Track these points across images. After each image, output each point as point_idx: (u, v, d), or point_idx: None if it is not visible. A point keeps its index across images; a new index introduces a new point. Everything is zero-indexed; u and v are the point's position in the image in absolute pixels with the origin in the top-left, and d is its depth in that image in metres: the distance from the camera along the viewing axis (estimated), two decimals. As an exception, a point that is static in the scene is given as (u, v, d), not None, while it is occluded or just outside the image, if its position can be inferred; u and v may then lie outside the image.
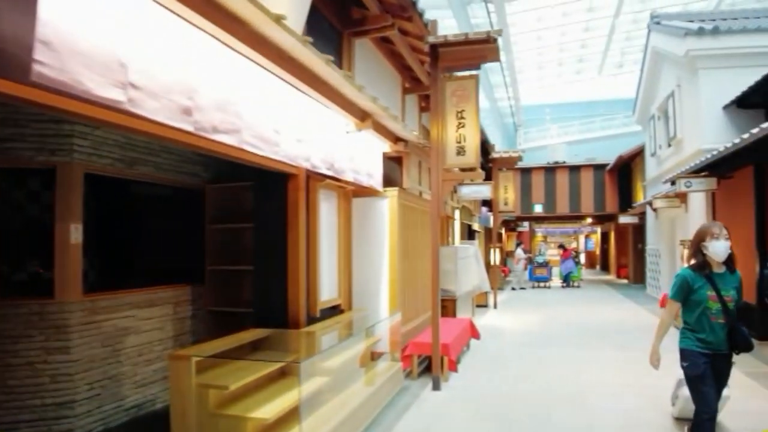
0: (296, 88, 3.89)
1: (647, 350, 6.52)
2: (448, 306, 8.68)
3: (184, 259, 6.32)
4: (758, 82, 9.18)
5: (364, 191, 6.06)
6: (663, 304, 12.20)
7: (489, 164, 13.23)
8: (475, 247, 10.91)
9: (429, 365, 6.37)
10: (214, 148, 3.53)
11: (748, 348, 3.65)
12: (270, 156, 3.68)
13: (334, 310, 5.82)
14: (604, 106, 38.96)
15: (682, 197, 12.31)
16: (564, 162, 21.69)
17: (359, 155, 5.23)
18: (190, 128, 2.94)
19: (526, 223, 33.31)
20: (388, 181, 6.40)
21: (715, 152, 8.18)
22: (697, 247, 3.71)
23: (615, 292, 17.74)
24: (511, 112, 32.59)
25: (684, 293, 3.71)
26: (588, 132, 38.21)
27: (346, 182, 5.53)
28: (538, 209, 21.14)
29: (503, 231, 29.81)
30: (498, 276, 18.72)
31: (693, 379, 3.77)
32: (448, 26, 20.35)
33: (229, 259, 6.10)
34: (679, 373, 4.30)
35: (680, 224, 13.00)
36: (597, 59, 36.23)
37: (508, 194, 13.42)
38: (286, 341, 5.02)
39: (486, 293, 13.19)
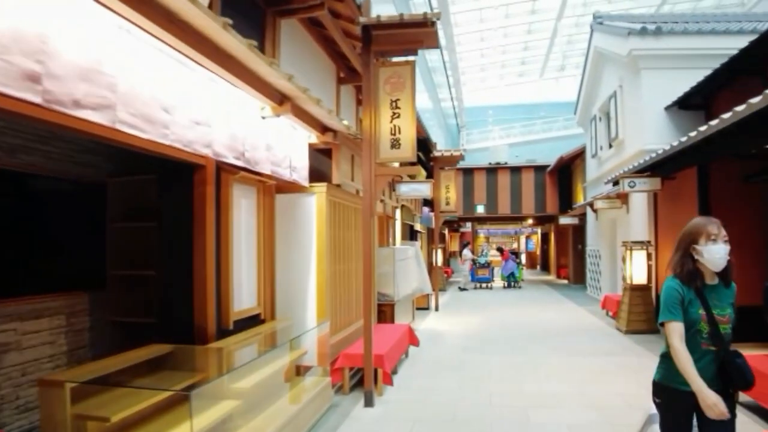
0: (193, 60, 3.24)
1: (590, 355, 6.26)
2: (386, 311, 8.14)
3: (82, 263, 5.51)
4: (699, 83, 9.11)
5: (289, 187, 5.43)
6: (604, 305, 12.11)
7: (430, 163, 12.81)
8: (415, 248, 10.42)
9: (362, 378, 5.78)
10: (78, 127, 2.84)
11: (746, 385, 2.70)
12: (156, 140, 3.01)
13: (253, 321, 5.16)
14: (546, 109, 39.62)
15: (624, 198, 12.23)
16: (506, 163, 21.62)
17: (279, 145, 4.60)
18: (37, 100, 2.27)
19: (468, 224, 33.41)
20: (317, 175, 5.79)
21: (658, 152, 7.97)
22: (686, 250, 2.78)
23: (556, 292, 17.69)
24: (454, 113, 32.50)
25: (682, 308, 2.69)
26: (529, 134, 38.74)
27: (267, 176, 4.90)
28: (480, 210, 20.95)
29: (446, 231, 29.68)
30: (440, 277, 18.40)
31: (668, 430, 2.84)
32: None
33: (135, 263, 5.31)
34: (650, 406, 3.17)
35: (621, 225, 12.94)
36: (539, 62, 36.74)
37: (449, 194, 13.02)
38: (190, 359, 4.34)
39: (427, 295, 12.74)
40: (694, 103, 10.18)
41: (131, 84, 2.79)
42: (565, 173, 20.67)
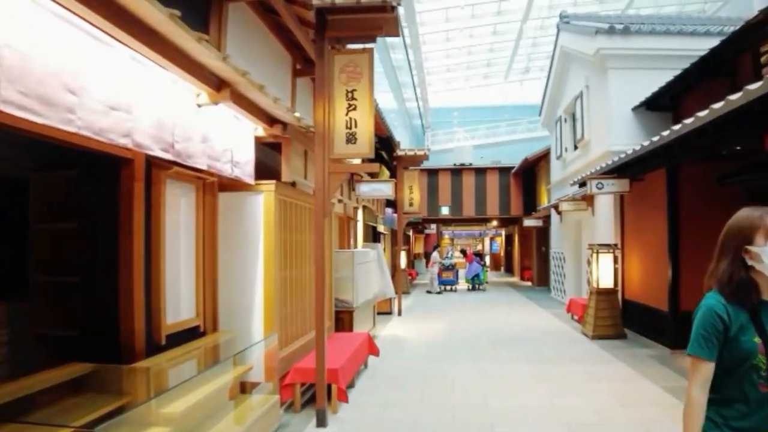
0: (109, 34, 2.73)
1: (557, 362, 5.92)
2: (344, 318, 7.67)
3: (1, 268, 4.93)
4: (667, 84, 8.94)
5: (234, 185, 4.93)
6: (569, 309, 11.90)
7: (394, 163, 12.40)
8: (376, 251, 9.98)
9: (315, 394, 5.31)
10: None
11: None
12: (58, 126, 2.50)
13: (191, 334, 4.64)
14: (510, 111, 39.71)
15: (589, 200, 12.04)
16: (470, 164, 21.38)
17: (218, 137, 4.10)
18: None
19: (433, 226, 33.17)
20: (267, 172, 5.29)
21: (627, 152, 7.72)
22: (735, 254, 1.91)
23: (520, 295, 17.49)
24: (419, 114, 32.21)
25: (719, 342, 1.86)
26: (494, 136, 38.75)
27: (208, 172, 4.40)
28: (445, 211, 20.64)
29: (411, 233, 29.36)
30: (404, 280, 18.02)
31: None
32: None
33: (60, 269, 4.73)
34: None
35: (586, 227, 12.77)
36: (504, 64, 36.79)
37: (413, 195, 12.63)
38: (115, 380, 3.81)
39: (390, 299, 12.32)
40: (662, 104, 10.03)
41: (22, 56, 2.28)
42: (530, 175, 20.57)
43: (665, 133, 6.19)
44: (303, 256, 5.86)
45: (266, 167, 5.40)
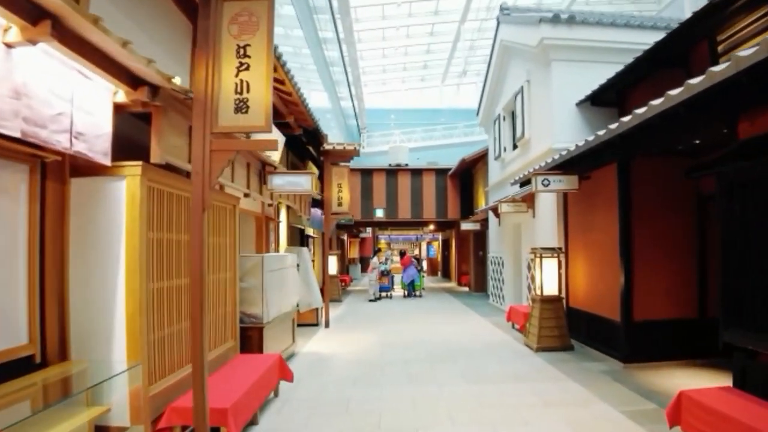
0: None
1: (502, 381, 5.04)
2: (252, 336, 6.43)
3: None
4: (614, 76, 8.32)
5: (93, 168, 3.70)
6: (510, 317, 11.09)
7: (321, 157, 11.24)
8: (296, 256, 8.78)
9: (203, 438, 4.10)
10: None
11: None
12: None
13: (19, 367, 3.36)
14: (447, 115, 39.56)
15: (529, 201, 11.31)
16: (406, 165, 20.45)
17: (45, 95, 2.88)
18: None
19: (369, 229, 32.19)
20: (136, 152, 4.06)
21: (578, 144, 6.93)
22: None
23: (458, 302, 16.68)
24: (354, 114, 31.21)
25: None
26: (431, 139, 38.42)
27: (51, 150, 3.17)
28: (380, 214, 19.61)
29: (346, 237, 28.24)
30: (336, 287, 16.88)
31: None
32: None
33: None
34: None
35: (526, 230, 12.03)
36: (441, 67, 36.43)
37: (342, 193, 11.51)
38: None
39: (316, 309, 11.16)
40: (608, 99, 9.42)
41: None
42: (467, 177, 19.90)
43: (625, 119, 5.37)
44: (186, 262, 4.62)
45: (136, 145, 4.18)
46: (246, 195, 6.15)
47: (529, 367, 7.27)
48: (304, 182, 6.69)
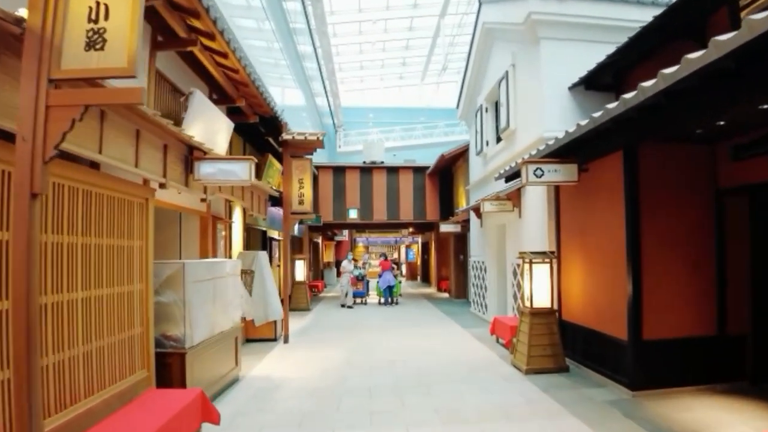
0: None
1: (487, 420, 3.93)
2: (172, 365, 5.03)
3: None
4: (612, 54, 7.21)
5: None
6: (494, 331, 9.87)
7: (280, 148, 9.89)
8: (239, 262, 7.38)
9: None
10: None
11: None
12: None
13: None
14: (426, 114, 38.52)
15: (515, 200, 10.12)
16: (382, 162, 19.12)
17: None
18: None
19: (345, 232, 30.85)
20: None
21: (580, 124, 5.71)
22: None
23: (437, 310, 15.42)
24: (330, 112, 29.90)
25: None
26: (410, 139, 37.33)
27: None
28: (353, 215, 18.24)
29: (320, 240, 26.87)
30: (304, 295, 15.55)
31: None
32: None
33: None
34: None
35: (512, 232, 10.82)
36: (420, 64, 35.27)
37: (304, 190, 10.19)
38: None
39: (275, 322, 9.81)
40: (604, 82, 8.27)
41: None
42: (447, 176, 18.68)
43: (647, 83, 4.17)
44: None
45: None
46: (162, 186, 4.81)
47: (519, 397, 6.02)
48: (239, 171, 5.35)
